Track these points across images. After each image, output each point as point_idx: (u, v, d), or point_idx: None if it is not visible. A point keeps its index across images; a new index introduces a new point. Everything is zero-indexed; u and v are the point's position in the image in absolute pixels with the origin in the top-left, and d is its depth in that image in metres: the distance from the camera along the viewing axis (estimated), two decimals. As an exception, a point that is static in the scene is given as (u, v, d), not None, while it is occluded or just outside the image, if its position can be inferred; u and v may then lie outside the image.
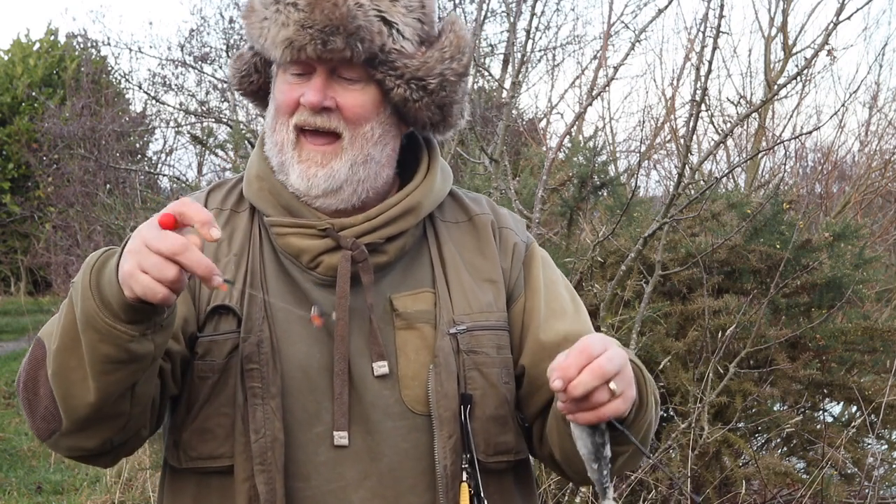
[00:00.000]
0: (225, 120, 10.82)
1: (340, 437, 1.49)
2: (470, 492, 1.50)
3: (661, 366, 4.21)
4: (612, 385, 1.30)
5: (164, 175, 11.56)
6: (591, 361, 1.29)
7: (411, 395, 1.52)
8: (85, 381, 1.35)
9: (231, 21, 11.34)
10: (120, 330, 1.30)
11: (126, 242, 1.29)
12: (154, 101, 12.20)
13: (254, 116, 11.30)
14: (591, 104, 4.64)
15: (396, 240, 1.55)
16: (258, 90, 1.61)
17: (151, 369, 1.38)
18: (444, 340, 1.53)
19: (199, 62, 10.96)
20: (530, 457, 1.66)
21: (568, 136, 5.44)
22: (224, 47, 11.26)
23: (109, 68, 15.00)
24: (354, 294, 1.52)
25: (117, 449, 1.48)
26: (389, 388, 1.52)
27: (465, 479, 1.50)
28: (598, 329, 1.63)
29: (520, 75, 4.95)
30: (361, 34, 1.45)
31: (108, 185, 10.72)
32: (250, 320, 1.50)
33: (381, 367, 1.51)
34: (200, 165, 13.04)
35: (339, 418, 1.49)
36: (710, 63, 3.85)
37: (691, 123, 4.04)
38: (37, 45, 18.76)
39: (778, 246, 4.72)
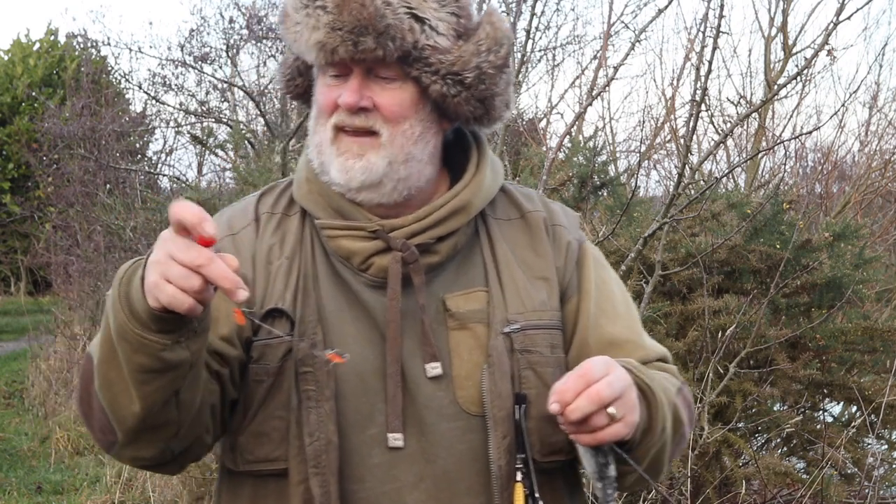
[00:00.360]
0: (225, 120, 10.83)
1: (395, 439, 1.49)
2: (525, 492, 1.48)
3: (661, 366, 4.20)
4: (611, 410, 1.31)
5: (164, 175, 11.57)
6: (590, 386, 1.29)
7: (465, 396, 1.51)
8: (127, 392, 1.35)
9: (231, 21, 11.34)
10: (150, 340, 1.29)
11: (150, 253, 1.29)
12: (154, 101, 12.21)
13: (254, 116, 11.31)
14: (591, 104, 4.63)
15: (447, 239, 1.54)
16: (304, 92, 1.62)
17: (193, 376, 1.37)
18: (497, 340, 1.52)
19: (199, 62, 10.95)
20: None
21: (568, 136, 5.44)
22: (224, 47, 11.25)
23: (109, 68, 14.99)
24: (406, 295, 1.51)
25: (180, 457, 1.48)
26: (443, 390, 1.51)
27: (519, 479, 1.49)
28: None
29: (520, 75, 4.95)
30: (391, 32, 1.45)
31: (108, 185, 10.72)
32: (304, 323, 1.50)
33: (433, 369, 1.50)
34: (200, 165, 13.07)
35: (393, 420, 1.49)
36: (710, 63, 3.85)
37: (691, 123, 4.04)
38: (37, 45, 18.77)
39: (778, 246, 4.72)
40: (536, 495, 1.48)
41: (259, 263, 1.55)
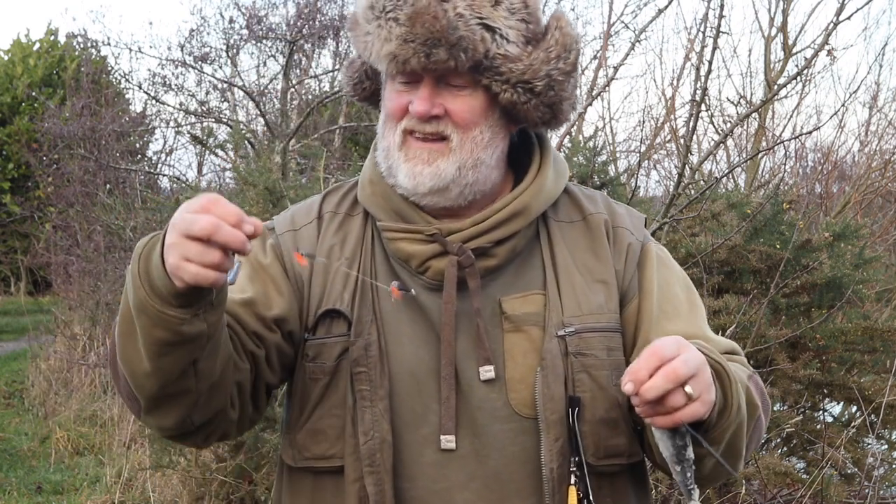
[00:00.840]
0: (225, 120, 10.82)
1: (447, 441, 1.50)
2: (578, 495, 1.49)
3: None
4: (688, 388, 1.28)
5: (164, 175, 11.56)
6: (664, 364, 1.28)
7: (518, 399, 1.52)
8: (144, 364, 1.37)
9: (231, 21, 11.34)
10: (170, 315, 1.31)
11: (165, 231, 1.30)
12: (154, 101, 12.21)
13: (254, 116, 11.30)
14: (591, 104, 4.63)
15: (506, 243, 1.55)
16: (371, 95, 1.64)
17: (212, 347, 1.39)
18: (551, 343, 1.52)
19: (199, 62, 10.96)
20: (645, 459, 1.63)
21: (568, 136, 5.44)
22: (224, 47, 11.26)
23: (109, 68, 14.99)
24: (462, 298, 1.53)
25: (203, 429, 1.49)
26: (496, 392, 1.52)
27: (573, 482, 1.49)
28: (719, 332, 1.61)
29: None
30: (464, 44, 1.46)
31: (108, 185, 10.72)
32: (360, 323, 1.53)
33: (487, 372, 1.52)
34: (200, 165, 13.05)
35: (447, 422, 1.50)
36: (710, 63, 3.86)
37: (691, 123, 4.04)
38: (37, 45, 18.76)
39: (778, 246, 4.71)
40: (591, 498, 1.48)
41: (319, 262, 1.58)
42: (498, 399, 1.52)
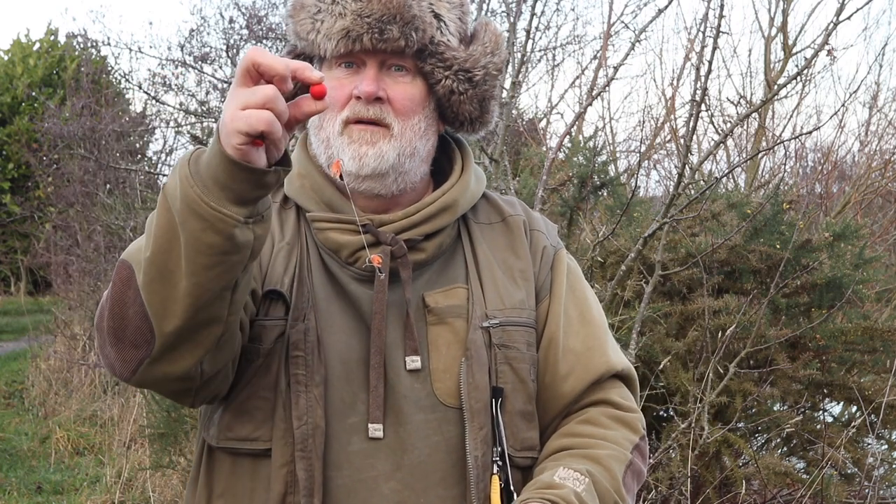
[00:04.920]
0: (225, 120, 10.79)
1: (375, 430, 1.52)
2: (500, 485, 1.52)
3: (661, 366, 4.21)
4: None
5: (164, 175, 11.55)
6: None
7: (443, 388, 1.54)
8: (182, 283, 1.30)
9: (231, 21, 11.34)
10: (225, 213, 1.25)
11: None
12: (154, 101, 12.20)
13: (254, 116, 11.28)
14: (591, 104, 4.63)
15: (435, 238, 1.58)
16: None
17: (247, 274, 1.36)
18: (476, 333, 1.56)
19: (199, 62, 10.96)
20: None
21: (568, 136, 5.44)
22: (224, 47, 11.25)
23: (109, 68, 14.99)
24: (391, 289, 1.55)
25: (206, 386, 1.45)
26: (421, 382, 1.54)
27: (495, 471, 1.52)
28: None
29: (520, 75, 4.94)
30: (416, 24, 1.50)
31: (108, 185, 10.72)
32: (297, 308, 1.53)
33: (413, 362, 1.54)
34: (200, 165, 13.02)
35: (375, 411, 1.52)
36: (710, 63, 3.85)
37: (691, 123, 4.04)
38: (37, 45, 18.76)
39: (778, 246, 4.72)
40: (512, 489, 1.52)
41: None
42: (423, 389, 1.54)
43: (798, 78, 6.07)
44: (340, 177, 1.44)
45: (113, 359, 1.41)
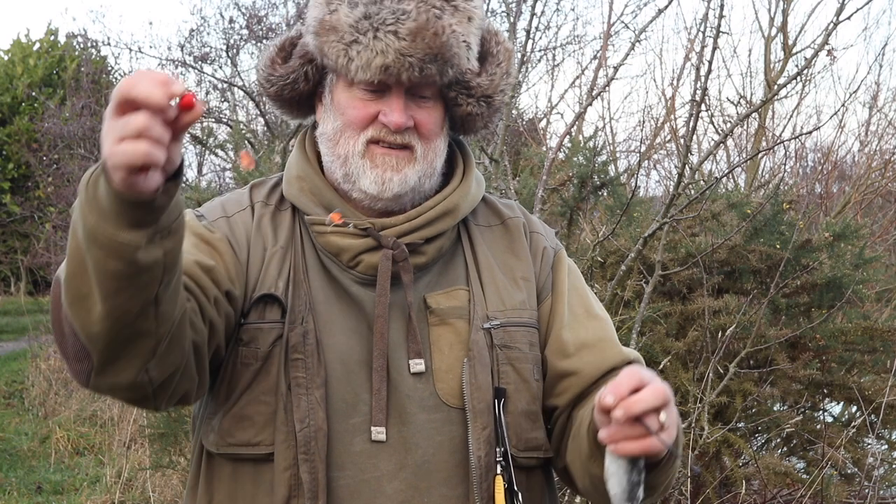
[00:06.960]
0: (225, 120, 10.82)
1: (378, 433, 1.52)
2: (504, 485, 1.52)
3: (661, 366, 4.21)
4: (663, 416, 1.28)
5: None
6: (643, 384, 1.28)
7: (445, 389, 1.55)
8: (97, 306, 1.27)
9: (231, 21, 11.35)
10: (124, 240, 1.21)
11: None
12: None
13: (254, 116, 11.31)
14: (591, 104, 4.63)
15: (435, 241, 1.59)
16: (297, 97, 1.62)
17: (174, 287, 1.32)
18: (478, 334, 1.56)
19: (199, 62, 10.96)
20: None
21: (568, 136, 5.44)
22: (224, 47, 11.26)
23: (109, 68, 15.01)
24: (393, 292, 1.55)
25: (160, 391, 1.40)
26: (423, 383, 1.55)
27: (499, 471, 1.53)
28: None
29: (520, 75, 4.94)
30: (454, 61, 1.50)
31: (108, 185, 10.69)
32: (294, 311, 1.53)
33: (417, 365, 1.54)
34: (200, 165, 13.05)
35: (377, 413, 1.52)
36: (710, 63, 3.85)
37: (691, 123, 4.04)
38: (37, 45, 18.77)
39: (778, 246, 4.72)
40: (515, 489, 1.52)
41: (254, 247, 1.57)
42: (425, 390, 1.54)
43: (798, 78, 6.06)
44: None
45: (69, 370, 1.41)
